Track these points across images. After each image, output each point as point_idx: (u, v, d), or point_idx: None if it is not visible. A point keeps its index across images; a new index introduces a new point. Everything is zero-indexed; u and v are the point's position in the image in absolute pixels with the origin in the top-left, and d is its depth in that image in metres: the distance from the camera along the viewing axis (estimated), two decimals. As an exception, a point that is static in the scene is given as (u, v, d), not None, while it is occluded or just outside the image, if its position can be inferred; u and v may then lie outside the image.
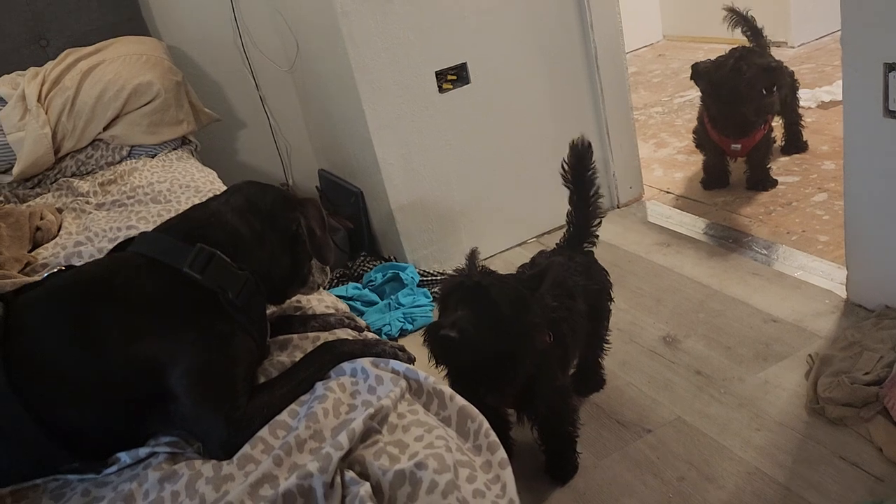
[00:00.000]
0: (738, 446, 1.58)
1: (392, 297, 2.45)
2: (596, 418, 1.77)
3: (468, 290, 1.33)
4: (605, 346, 1.84)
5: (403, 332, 2.33)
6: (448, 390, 1.00)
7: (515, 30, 2.51)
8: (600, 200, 1.81)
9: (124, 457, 0.95)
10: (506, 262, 2.64)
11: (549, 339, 1.44)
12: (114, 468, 0.94)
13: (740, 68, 2.53)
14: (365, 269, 2.64)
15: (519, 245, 2.75)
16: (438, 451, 0.87)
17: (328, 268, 1.22)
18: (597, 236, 1.83)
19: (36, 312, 0.99)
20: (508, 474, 0.92)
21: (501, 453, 0.95)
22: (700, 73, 2.65)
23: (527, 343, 1.35)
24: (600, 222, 1.83)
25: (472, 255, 1.45)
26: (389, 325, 2.32)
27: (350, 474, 0.84)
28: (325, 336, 1.16)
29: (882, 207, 1.76)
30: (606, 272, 1.81)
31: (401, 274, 2.50)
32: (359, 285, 2.53)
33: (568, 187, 1.79)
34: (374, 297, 2.47)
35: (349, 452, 0.87)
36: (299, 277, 1.16)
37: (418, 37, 2.37)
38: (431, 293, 2.47)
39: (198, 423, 0.96)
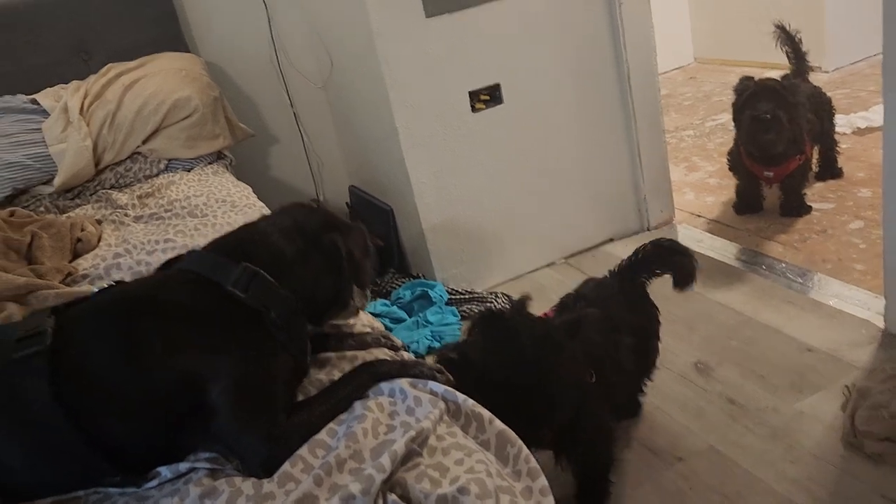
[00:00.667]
0: (773, 478, 1.55)
1: (420, 314, 2.45)
2: (627, 444, 1.75)
3: (489, 319, 1.32)
4: (648, 381, 1.78)
5: (431, 350, 2.33)
6: (487, 413, 1.00)
7: (549, 51, 2.52)
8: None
9: (165, 471, 0.95)
10: (534, 283, 2.64)
11: (591, 378, 1.40)
12: (154, 482, 0.95)
13: (743, 108, 2.54)
14: (393, 286, 2.65)
15: (548, 266, 2.74)
16: (479, 475, 0.86)
17: (368, 292, 1.23)
18: (655, 273, 1.73)
19: (85, 326, 1.00)
20: (549, 502, 0.91)
21: (542, 480, 0.94)
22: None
23: (556, 383, 1.30)
24: (661, 272, 1.72)
25: (521, 301, 1.39)
26: (417, 342, 2.33)
27: (392, 497, 0.84)
28: (363, 355, 1.17)
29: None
30: (657, 308, 1.73)
31: (429, 292, 2.50)
32: (387, 302, 2.54)
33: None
34: (403, 314, 2.48)
35: (391, 475, 0.88)
36: (340, 301, 1.17)
37: (452, 57, 2.39)
38: (460, 311, 2.47)
39: (237, 439, 0.97)
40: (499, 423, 0.99)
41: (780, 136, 2.52)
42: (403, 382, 1.04)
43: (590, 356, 1.41)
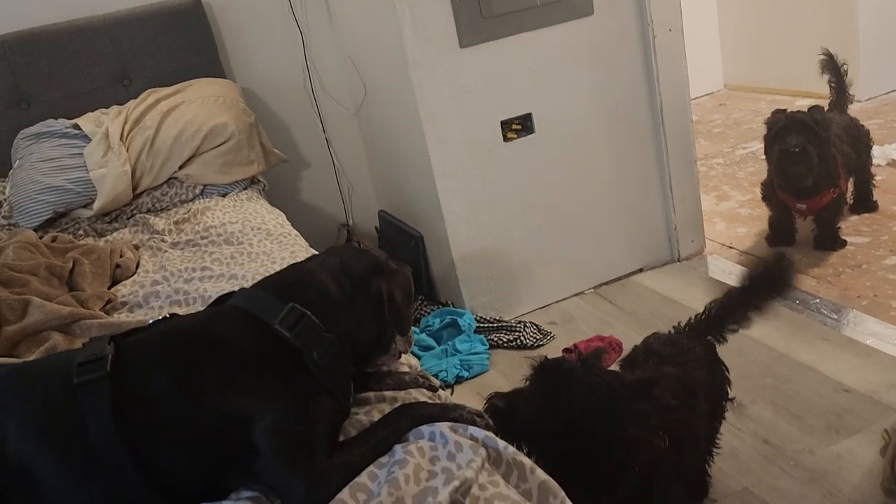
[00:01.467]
0: (811, 526, 1.53)
1: (449, 343, 2.45)
2: (658, 483, 1.73)
3: (546, 367, 1.25)
4: (715, 449, 1.63)
5: (459, 379, 2.33)
6: (528, 462, 0.99)
7: (581, 81, 2.53)
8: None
9: None
10: (562, 312, 2.63)
11: (664, 444, 1.28)
12: None
13: (774, 141, 2.53)
14: (422, 313, 2.66)
15: (576, 295, 2.73)
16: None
17: (412, 336, 1.24)
18: (731, 331, 1.64)
19: (142, 355, 1.03)
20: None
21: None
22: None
23: (619, 442, 1.20)
24: (738, 329, 1.63)
25: (594, 354, 1.31)
26: (446, 371, 2.32)
27: (440, 555, 0.84)
28: (402, 396, 1.17)
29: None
30: (726, 368, 1.61)
31: (458, 320, 2.50)
32: (416, 329, 2.54)
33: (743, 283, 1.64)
34: (431, 341, 2.48)
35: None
36: (383, 344, 1.17)
37: (485, 87, 2.41)
38: (488, 340, 2.47)
39: (278, 477, 0.98)
40: (541, 473, 0.98)
41: (810, 170, 2.50)
42: (444, 426, 1.04)
43: (663, 420, 1.29)
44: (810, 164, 2.50)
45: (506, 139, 2.50)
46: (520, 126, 2.53)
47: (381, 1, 2.35)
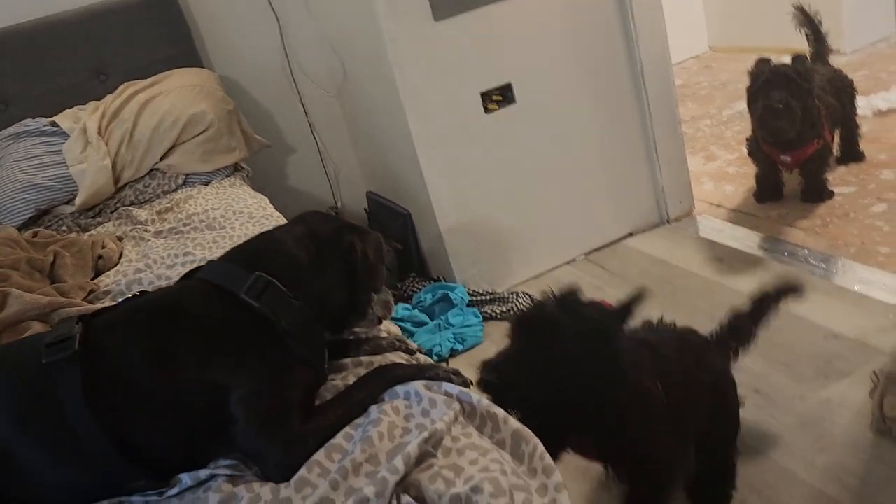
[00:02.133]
0: (802, 469, 1.53)
1: (442, 317, 2.45)
2: (651, 439, 1.74)
3: (526, 320, 1.20)
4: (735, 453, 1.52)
5: (454, 353, 2.33)
6: (501, 412, 1.00)
7: (560, 47, 2.51)
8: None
9: (185, 478, 0.97)
10: (554, 281, 2.63)
11: (656, 389, 1.25)
12: (175, 490, 0.97)
13: (757, 96, 2.52)
14: (414, 289, 2.66)
15: (568, 263, 2.73)
16: (493, 474, 0.87)
17: (391, 300, 1.23)
18: (744, 344, 1.56)
19: (111, 333, 1.03)
20: (564, 498, 0.91)
21: (557, 477, 0.94)
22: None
23: (607, 385, 1.16)
24: (751, 341, 1.57)
25: (571, 291, 1.24)
26: (440, 345, 2.33)
27: (406, 498, 0.85)
28: (378, 360, 1.17)
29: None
30: (734, 384, 1.52)
31: (450, 294, 2.50)
32: (409, 306, 2.54)
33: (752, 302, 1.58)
34: (424, 317, 2.49)
35: (405, 476, 0.88)
36: (358, 309, 1.18)
37: (463, 59, 2.40)
38: (481, 312, 2.47)
39: (254, 445, 0.99)
40: (513, 422, 0.99)
41: (793, 124, 2.49)
42: (418, 385, 1.04)
43: (658, 369, 1.27)
44: (793, 118, 2.49)
45: (487, 111, 2.49)
46: (501, 97, 2.52)
47: (352, -22, 2.33)
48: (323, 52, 2.96)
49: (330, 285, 1.13)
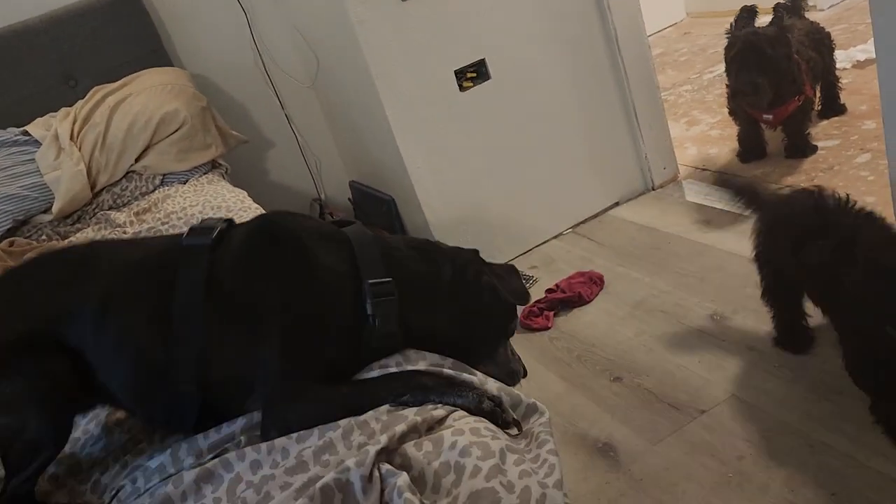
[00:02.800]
0: (798, 419, 1.52)
1: (432, 300, 2.43)
2: (648, 404, 1.73)
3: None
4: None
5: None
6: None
7: (531, 20, 2.48)
8: None
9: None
10: (543, 255, 2.62)
11: None
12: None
13: (731, 67, 2.54)
14: (403, 274, 2.63)
15: (555, 237, 2.71)
16: (484, 439, 0.85)
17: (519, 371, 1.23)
18: None
19: (239, 238, 1.10)
20: (556, 460, 0.89)
21: (550, 445, 0.92)
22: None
23: None
24: None
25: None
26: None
27: (387, 466, 0.83)
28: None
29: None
30: None
31: (439, 276, 2.48)
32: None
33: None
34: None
35: (386, 447, 0.86)
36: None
37: (434, 38, 2.37)
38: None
39: (271, 384, 1.01)
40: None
41: (765, 95, 2.48)
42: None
43: None
44: (764, 93, 2.48)
45: (462, 88, 2.46)
46: (475, 73, 2.49)
47: (316, -37, 2.30)
48: (294, 43, 2.93)
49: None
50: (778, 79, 2.47)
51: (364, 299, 1.05)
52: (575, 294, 2.24)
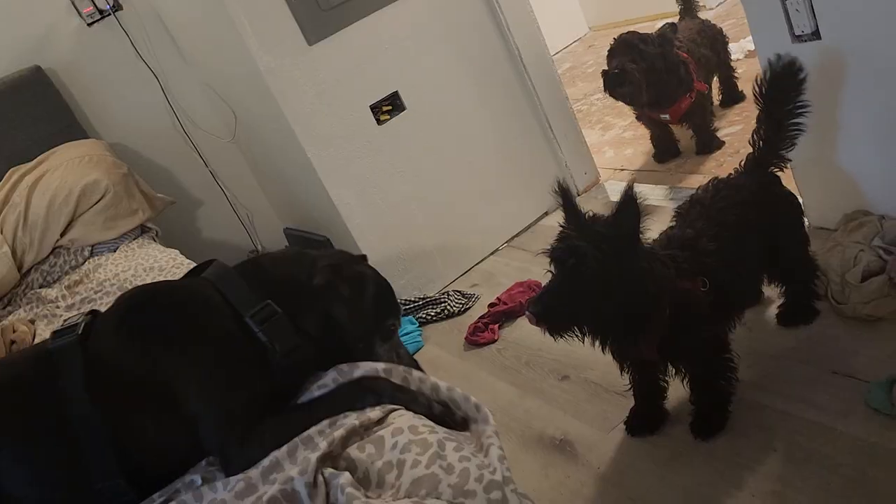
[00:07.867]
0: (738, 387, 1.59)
1: (379, 331, 2.45)
2: (596, 396, 1.78)
3: (554, 259, 1.32)
4: (814, 275, 1.65)
5: (397, 363, 2.34)
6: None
7: (437, 49, 2.57)
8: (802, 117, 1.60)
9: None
10: (482, 273, 2.67)
11: (703, 287, 1.38)
12: None
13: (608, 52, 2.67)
14: (347, 311, 2.65)
15: (492, 254, 2.77)
16: (422, 436, 0.89)
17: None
18: (786, 159, 1.66)
19: (108, 322, 1.08)
20: (496, 441, 0.92)
21: (490, 431, 0.96)
22: None
23: (644, 295, 1.29)
24: (794, 144, 1.63)
25: (563, 190, 1.37)
26: (382, 358, 2.33)
27: (330, 470, 0.86)
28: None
29: (811, 130, 1.79)
30: (794, 196, 1.68)
31: (383, 307, 2.51)
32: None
33: (758, 103, 1.66)
34: (362, 335, 2.48)
35: (327, 453, 0.89)
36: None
37: (345, 77, 2.42)
38: (417, 318, 2.49)
39: (214, 440, 1.01)
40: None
41: (639, 87, 2.58)
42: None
43: (702, 266, 1.40)
44: (635, 81, 2.58)
45: (380, 122, 2.52)
46: (390, 106, 2.55)
47: (220, 19, 2.33)
48: (210, 100, 2.95)
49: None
50: (655, 76, 2.58)
51: (253, 331, 1.06)
52: (517, 304, 2.30)
